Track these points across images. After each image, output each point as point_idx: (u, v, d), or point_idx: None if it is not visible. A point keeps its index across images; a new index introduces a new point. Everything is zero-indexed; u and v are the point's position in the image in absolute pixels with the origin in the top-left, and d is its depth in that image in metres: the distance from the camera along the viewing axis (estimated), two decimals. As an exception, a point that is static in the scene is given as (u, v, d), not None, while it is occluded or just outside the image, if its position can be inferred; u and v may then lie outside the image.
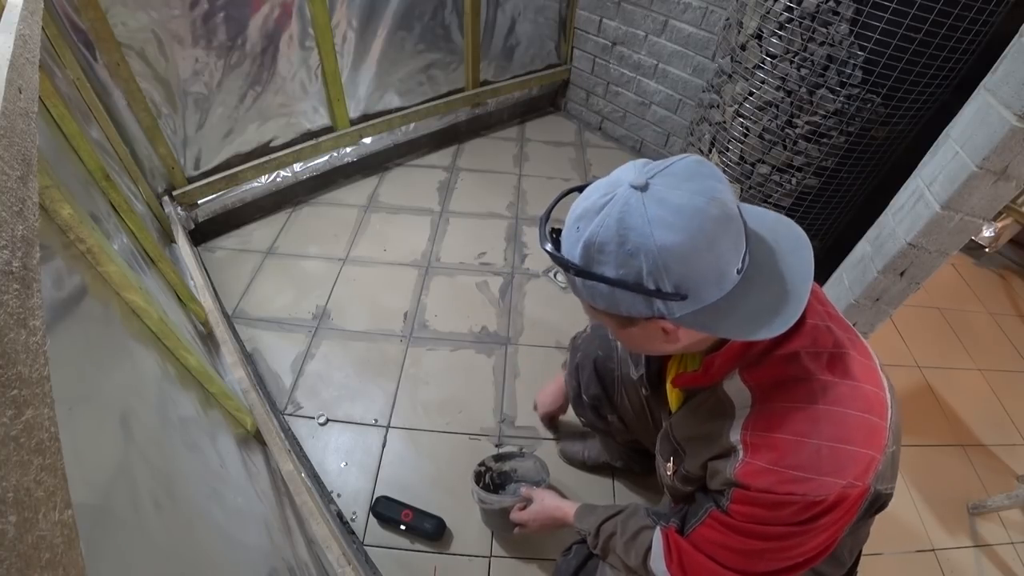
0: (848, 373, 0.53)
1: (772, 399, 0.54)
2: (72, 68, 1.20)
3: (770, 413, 0.53)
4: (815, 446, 0.50)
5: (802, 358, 0.53)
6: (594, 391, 0.98)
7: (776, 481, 0.51)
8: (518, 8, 2.27)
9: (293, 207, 2.01)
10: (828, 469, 0.50)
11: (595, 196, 0.49)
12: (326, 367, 1.49)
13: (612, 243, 0.47)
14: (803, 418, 0.51)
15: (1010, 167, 0.88)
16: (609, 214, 0.47)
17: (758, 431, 0.53)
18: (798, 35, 1.30)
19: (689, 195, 0.46)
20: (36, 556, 0.24)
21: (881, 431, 0.52)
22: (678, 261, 0.46)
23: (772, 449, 0.52)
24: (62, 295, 0.62)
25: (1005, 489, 1.30)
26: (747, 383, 0.55)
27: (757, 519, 0.53)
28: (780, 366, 0.54)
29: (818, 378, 0.52)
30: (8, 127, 0.38)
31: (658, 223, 0.45)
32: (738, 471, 0.54)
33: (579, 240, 0.49)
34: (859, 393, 0.52)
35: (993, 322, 1.90)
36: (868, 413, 0.52)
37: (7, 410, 0.25)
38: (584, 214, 0.49)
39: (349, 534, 1.16)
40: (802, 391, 0.52)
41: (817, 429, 0.51)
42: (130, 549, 0.48)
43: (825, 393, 0.52)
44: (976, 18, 1.14)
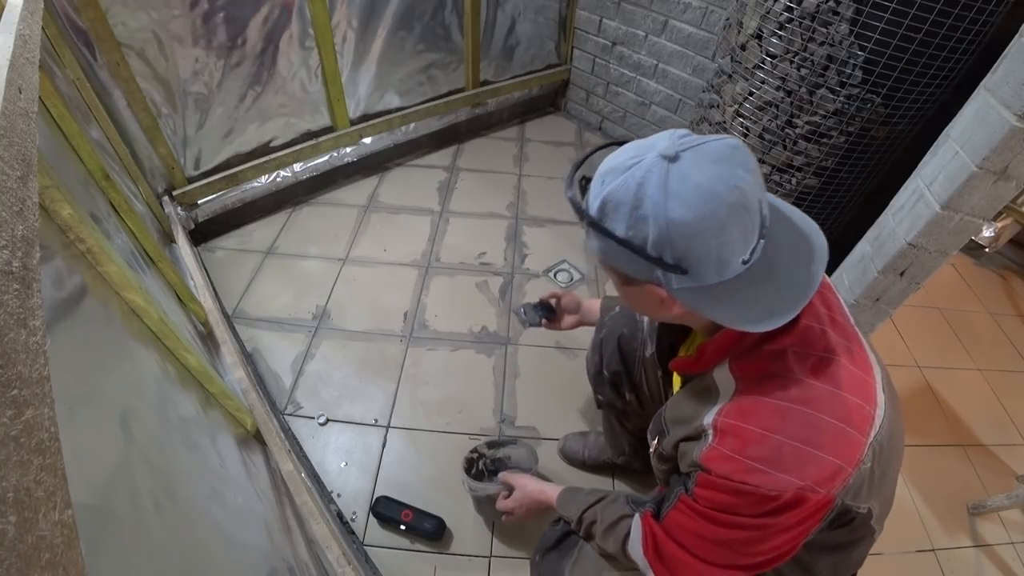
0: (833, 380, 0.53)
1: (751, 391, 0.55)
2: (72, 68, 1.20)
3: (745, 403, 0.54)
4: (778, 442, 0.51)
5: (788, 356, 0.54)
6: (615, 367, 0.98)
7: (734, 469, 0.52)
8: (518, 8, 2.27)
9: (293, 207, 2.01)
10: (787, 467, 0.50)
11: (625, 156, 0.51)
12: (326, 367, 1.49)
13: (627, 204, 0.49)
14: (773, 413, 0.52)
15: (1010, 167, 0.88)
16: (632, 176, 0.48)
17: (730, 418, 0.54)
18: (798, 35, 1.30)
19: (711, 178, 0.47)
20: (36, 556, 0.24)
21: (857, 444, 0.51)
22: (683, 238, 0.47)
23: (737, 438, 0.53)
24: (62, 295, 0.62)
25: (1005, 489, 1.30)
26: (734, 373, 0.57)
27: (717, 505, 0.54)
28: (766, 361, 0.55)
29: (797, 378, 0.53)
30: (8, 127, 0.38)
31: (674, 197, 0.47)
32: (703, 455, 0.55)
33: (600, 194, 0.51)
34: (838, 401, 0.52)
35: (993, 322, 1.90)
36: (844, 423, 0.51)
37: (7, 410, 0.25)
38: (611, 170, 0.51)
39: (349, 534, 1.16)
40: (778, 388, 0.53)
41: (784, 426, 0.51)
42: (130, 549, 0.48)
43: (801, 393, 0.52)
44: (976, 18, 1.14)
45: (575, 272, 1.82)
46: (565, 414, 1.40)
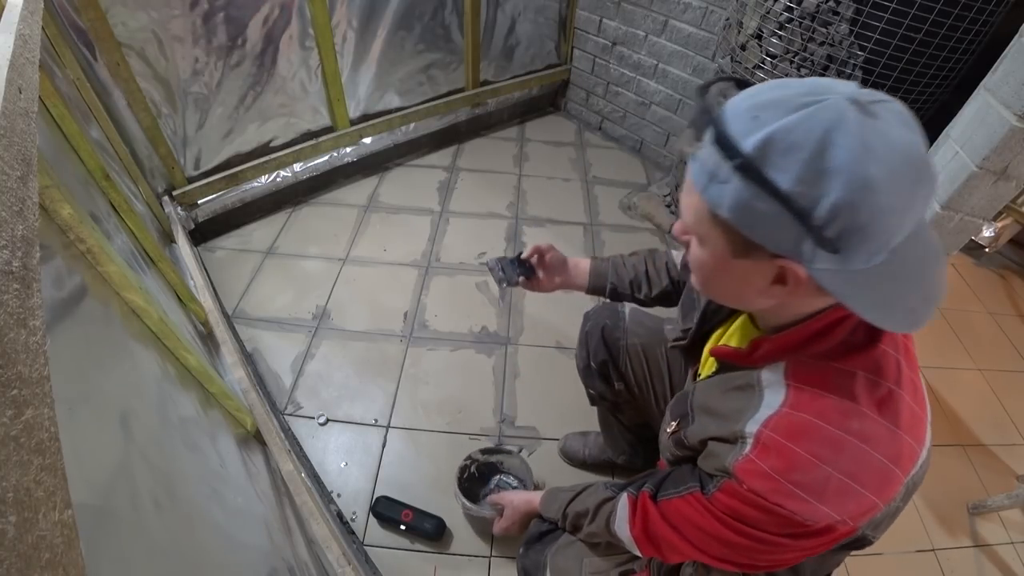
0: (895, 418, 0.48)
1: (804, 408, 0.49)
2: (72, 68, 1.20)
3: (796, 422, 0.49)
4: (826, 473, 0.46)
5: (857, 381, 0.48)
6: (602, 357, 0.99)
7: (772, 489, 0.48)
8: (518, 8, 2.27)
9: (293, 207, 2.01)
10: (829, 500, 0.46)
11: (793, 90, 0.40)
12: (326, 367, 1.49)
13: (807, 151, 0.38)
14: (828, 442, 0.47)
15: (1010, 167, 0.88)
16: (815, 117, 0.38)
17: (777, 434, 0.49)
18: (798, 35, 1.31)
19: (911, 143, 0.39)
20: (36, 556, 0.24)
21: (896, 485, 0.48)
22: (870, 207, 0.38)
23: (782, 458, 0.48)
24: (62, 295, 0.62)
25: (1005, 489, 1.30)
26: (788, 379, 0.51)
27: (738, 515, 0.52)
28: (831, 378, 0.49)
29: (861, 409, 0.47)
30: (8, 127, 0.38)
31: (874, 155, 0.37)
32: (738, 465, 0.51)
33: (758, 130, 0.39)
34: (895, 441, 0.47)
35: (993, 322, 1.90)
36: (894, 464, 0.47)
37: (7, 410, 0.25)
38: (772, 104, 0.40)
39: (349, 534, 1.16)
40: (839, 414, 0.47)
41: (837, 459, 0.46)
42: (130, 549, 0.48)
43: (862, 427, 0.47)
44: (976, 18, 1.14)
45: (575, 272, 1.82)
46: (565, 414, 1.40)
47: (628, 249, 1.13)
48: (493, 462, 1.21)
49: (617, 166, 2.39)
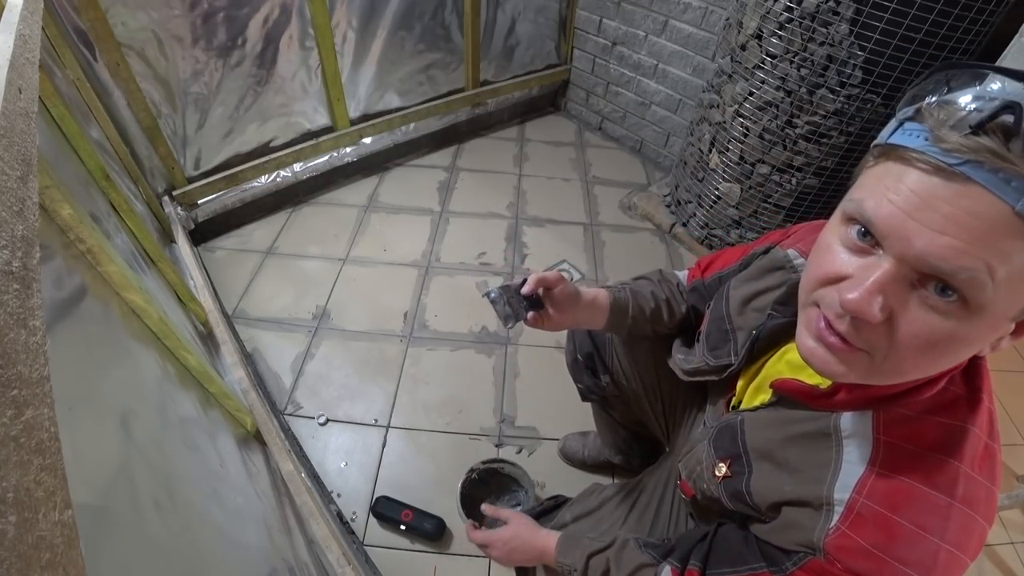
0: (992, 475, 0.44)
1: (901, 470, 0.42)
2: (72, 68, 1.20)
3: (897, 487, 0.42)
4: (935, 546, 0.40)
5: (967, 439, 0.42)
6: (587, 349, 0.96)
7: (875, 568, 0.41)
8: (518, 8, 2.27)
9: (293, 207, 2.02)
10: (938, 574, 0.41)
11: None
12: (326, 367, 1.49)
13: None
14: (936, 511, 0.41)
15: (1010, 167, 0.88)
16: None
17: (874, 502, 0.42)
18: (798, 35, 1.31)
19: None
20: (36, 556, 0.24)
21: (983, 542, 0.43)
22: None
23: (883, 531, 0.42)
24: (62, 295, 0.62)
25: (1005, 489, 1.30)
26: (878, 433, 0.44)
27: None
28: (935, 434, 0.43)
29: (966, 471, 0.42)
30: (8, 127, 0.38)
31: None
32: (831, 540, 0.43)
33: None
34: (992, 500, 0.43)
35: (993, 322, 1.90)
36: (988, 523, 0.43)
37: (7, 410, 0.25)
38: None
39: (349, 534, 1.16)
40: (945, 478, 0.42)
41: (944, 528, 0.41)
42: (130, 549, 0.48)
43: (967, 491, 0.41)
44: (976, 18, 1.14)
45: (575, 272, 1.82)
46: (565, 414, 1.40)
47: (628, 249, 1.14)
48: (494, 468, 1.21)
49: (617, 166, 2.39)
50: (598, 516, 0.87)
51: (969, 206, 0.32)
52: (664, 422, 0.94)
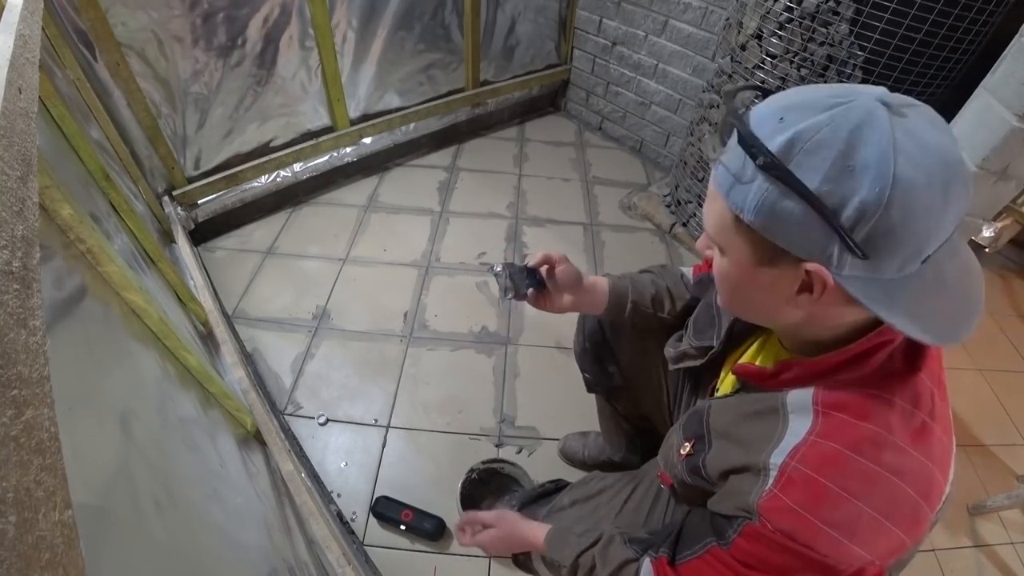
0: (928, 451, 0.45)
1: (834, 437, 0.46)
2: (72, 68, 1.20)
3: (825, 452, 0.45)
4: (858, 510, 0.43)
5: (895, 411, 0.45)
6: (596, 338, 0.97)
7: (800, 527, 0.44)
8: (518, 8, 2.27)
9: (293, 207, 2.01)
10: (861, 539, 0.43)
11: (821, 93, 0.40)
12: (326, 367, 1.49)
13: (834, 149, 0.37)
14: (861, 475, 0.44)
15: (1010, 167, 0.88)
16: (844, 116, 0.38)
17: (804, 466, 0.45)
18: (798, 35, 1.31)
19: (946, 144, 0.38)
20: (36, 556, 0.24)
21: (924, 523, 0.45)
22: (902, 208, 0.37)
23: (809, 491, 0.45)
24: (62, 295, 0.62)
25: (1005, 489, 1.30)
26: (817, 405, 0.48)
27: (764, 563, 0.47)
28: (865, 405, 0.46)
29: (896, 442, 0.44)
30: (8, 127, 0.38)
31: (904, 152, 0.36)
32: (762, 502, 0.46)
33: (782, 131, 0.39)
34: (926, 476, 0.45)
35: (993, 322, 1.90)
36: (924, 500, 0.44)
37: (7, 410, 0.25)
38: (798, 106, 0.40)
39: (349, 534, 1.16)
40: (873, 446, 0.44)
41: (869, 493, 0.43)
42: (130, 549, 0.48)
43: (896, 460, 0.44)
44: (976, 18, 1.14)
45: (575, 272, 1.82)
46: (565, 414, 1.40)
47: (628, 249, 1.14)
48: (494, 468, 1.21)
49: (617, 166, 2.39)
50: (595, 503, 0.88)
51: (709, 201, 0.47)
52: (669, 416, 0.94)
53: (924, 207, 0.37)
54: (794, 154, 0.38)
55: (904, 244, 0.39)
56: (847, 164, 0.37)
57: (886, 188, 0.36)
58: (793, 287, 0.44)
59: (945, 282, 0.42)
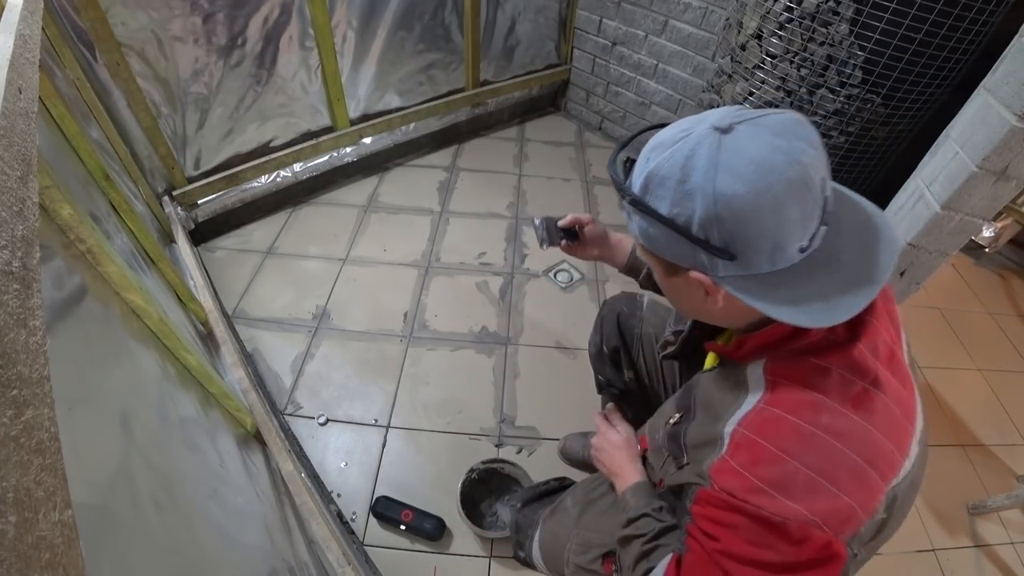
0: (870, 416, 0.47)
1: (777, 403, 0.49)
2: (72, 68, 1.20)
3: (767, 417, 0.49)
4: (792, 468, 0.45)
5: (831, 377, 0.48)
6: (614, 343, 0.98)
7: (740, 486, 0.47)
8: (518, 8, 2.27)
9: (293, 207, 2.01)
10: (796, 495, 0.45)
11: (674, 130, 0.48)
12: (326, 367, 1.49)
13: (673, 179, 0.45)
14: (794, 435, 0.47)
15: (1010, 167, 0.88)
16: (679, 149, 0.45)
17: (748, 431, 0.49)
18: (798, 35, 1.31)
19: (770, 150, 0.43)
20: (36, 556, 0.24)
21: (877, 490, 0.46)
22: (734, 214, 0.43)
23: (750, 453, 0.48)
24: (62, 295, 0.62)
25: (1005, 489, 1.30)
26: (767, 375, 0.51)
27: (715, 522, 0.49)
28: (806, 374, 0.49)
29: (833, 405, 0.47)
30: (8, 127, 0.38)
31: (726, 169, 0.43)
32: (713, 466, 0.50)
33: (644, 170, 0.48)
34: (870, 440, 0.46)
35: (993, 322, 1.90)
36: (868, 464, 0.46)
37: (7, 410, 0.25)
38: (657, 146, 0.48)
39: (349, 534, 1.16)
40: (809, 409, 0.47)
41: (803, 452, 0.46)
42: (130, 549, 0.48)
43: (833, 422, 0.46)
44: (976, 18, 1.14)
45: (575, 272, 1.82)
46: (565, 414, 1.40)
47: (628, 249, 1.09)
48: (494, 468, 1.21)
49: (617, 166, 2.39)
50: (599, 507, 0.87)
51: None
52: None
53: (754, 210, 0.43)
54: (650, 188, 0.47)
55: (756, 243, 0.44)
56: (684, 189, 0.44)
57: (712, 203, 0.43)
58: (699, 291, 0.50)
59: (839, 262, 0.46)
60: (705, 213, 0.44)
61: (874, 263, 0.47)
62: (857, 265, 0.47)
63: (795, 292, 0.45)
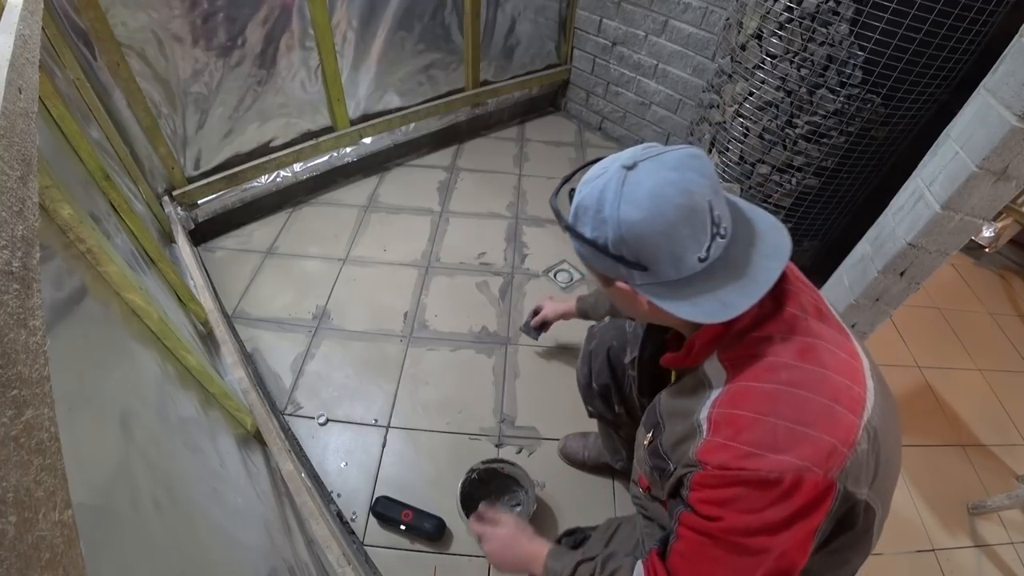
0: (819, 362, 0.54)
1: (741, 379, 0.55)
2: (72, 68, 1.20)
3: (736, 391, 0.55)
4: (772, 424, 0.51)
5: (774, 341, 0.55)
6: (604, 380, 0.97)
7: (731, 457, 0.52)
8: (518, 8, 2.27)
9: (293, 207, 2.01)
10: (783, 447, 0.50)
11: (598, 169, 0.57)
12: (326, 367, 1.49)
13: (591, 209, 0.55)
14: (763, 396, 0.53)
15: (1010, 167, 0.88)
16: (597, 185, 0.55)
17: (723, 408, 0.55)
18: (798, 35, 1.31)
19: (663, 183, 0.52)
20: (36, 556, 0.24)
21: (850, 425, 0.51)
22: (635, 236, 0.53)
23: (731, 425, 0.53)
24: (62, 295, 0.62)
25: (1005, 489, 1.30)
26: (723, 363, 0.58)
27: (718, 503, 0.52)
28: (753, 347, 0.56)
29: (784, 361, 0.54)
30: (8, 127, 0.38)
31: (628, 200, 0.52)
32: (699, 449, 0.55)
33: (575, 202, 0.58)
34: (827, 382, 0.53)
35: (993, 322, 1.90)
36: (834, 402, 0.52)
37: (7, 410, 0.25)
38: (586, 181, 0.57)
39: (349, 534, 1.16)
40: (767, 371, 0.54)
41: (775, 408, 0.52)
42: (130, 549, 0.48)
43: (790, 376, 0.53)
44: (976, 18, 1.14)
45: (575, 272, 1.82)
46: (565, 414, 1.40)
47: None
48: (494, 467, 1.21)
49: (617, 166, 2.39)
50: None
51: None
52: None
53: (651, 232, 0.52)
54: (578, 216, 0.57)
55: (659, 256, 0.53)
56: (600, 217, 0.54)
57: (618, 228, 0.53)
58: (629, 296, 0.58)
59: (736, 267, 0.55)
60: (615, 236, 0.53)
61: (764, 267, 0.55)
62: (749, 269, 0.55)
63: (697, 295, 0.54)
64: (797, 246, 1.75)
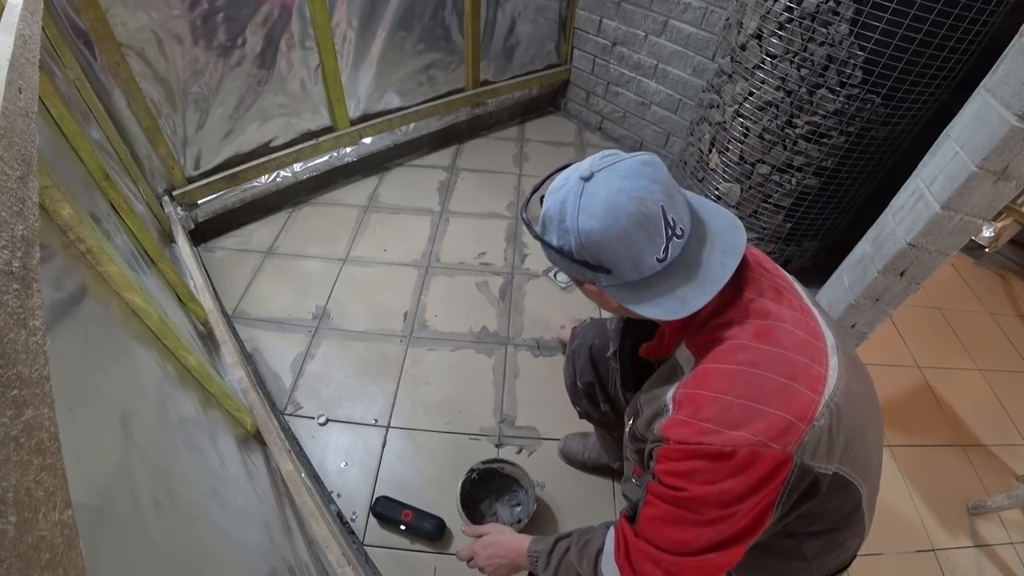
0: (777, 342, 0.56)
1: (706, 362, 0.59)
2: (72, 68, 1.20)
3: (699, 372, 0.59)
4: (728, 402, 0.54)
5: (734, 325, 0.59)
6: (588, 378, 0.98)
7: (690, 432, 0.55)
8: (518, 8, 2.27)
9: (293, 207, 2.01)
10: (737, 423, 0.53)
11: (560, 179, 0.61)
12: (326, 367, 1.49)
13: (556, 219, 0.59)
14: (722, 377, 0.56)
15: (1010, 167, 0.88)
16: (559, 196, 0.59)
17: (687, 388, 0.59)
18: (798, 35, 1.31)
19: (616, 192, 0.55)
20: (36, 556, 0.24)
21: (808, 402, 0.53)
22: (594, 244, 0.57)
23: (692, 403, 0.57)
24: (62, 295, 0.62)
25: (1005, 489, 1.30)
26: (691, 350, 0.63)
27: (679, 475, 0.56)
28: (716, 331, 0.60)
29: (743, 343, 0.57)
30: (8, 127, 0.38)
31: (584, 211, 0.56)
32: (663, 426, 0.59)
33: (542, 212, 0.62)
34: (784, 361, 0.55)
35: (993, 322, 1.90)
36: (791, 380, 0.54)
37: (7, 410, 0.25)
38: (551, 192, 0.62)
39: (349, 534, 1.16)
40: (727, 353, 0.58)
41: (732, 387, 0.55)
42: (130, 549, 0.48)
43: (748, 356, 0.56)
44: (976, 18, 1.14)
45: (575, 272, 1.82)
46: (565, 414, 1.39)
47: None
48: (494, 468, 1.21)
49: (617, 166, 2.39)
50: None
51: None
52: None
53: (607, 239, 0.56)
54: (546, 225, 0.61)
55: (618, 260, 0.57)
56: (563, 227, 0.58)
57: (579, 237, 0.57)
58: (599, 294, 0.63)
59: (697, 266, 0.58)
60: (577, 244, 0.57)
61: (720, 263, 0.58)
62: (705, 267, 0.58)
63: (657, 293, 0.58)
64: (797, 246, 1.75)
